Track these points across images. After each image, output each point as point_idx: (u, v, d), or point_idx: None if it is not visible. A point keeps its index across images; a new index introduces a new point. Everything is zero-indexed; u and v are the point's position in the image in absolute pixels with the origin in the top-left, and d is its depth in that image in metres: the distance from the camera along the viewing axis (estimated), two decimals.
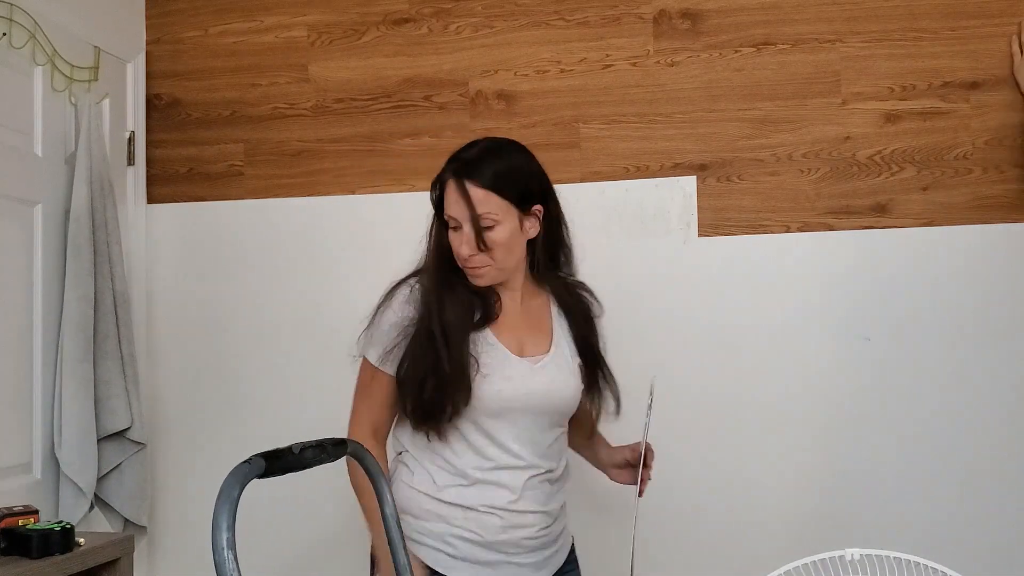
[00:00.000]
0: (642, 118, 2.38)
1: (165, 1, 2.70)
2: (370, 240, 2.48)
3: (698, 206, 2.34)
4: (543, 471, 1.68)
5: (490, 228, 1.62)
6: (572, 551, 1.81)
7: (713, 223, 2.34)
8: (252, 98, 2.58)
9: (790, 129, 2.31)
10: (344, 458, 1.52)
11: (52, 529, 1.70)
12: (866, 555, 1.46)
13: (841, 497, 2.24)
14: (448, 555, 1.66)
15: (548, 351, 1.71)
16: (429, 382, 1.63)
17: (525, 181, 1.66)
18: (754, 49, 2.33)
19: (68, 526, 1.73)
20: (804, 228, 2.29)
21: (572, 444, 1.83)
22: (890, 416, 2.23)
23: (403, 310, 1.68)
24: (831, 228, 2.28)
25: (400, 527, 1.62)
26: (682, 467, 2.32)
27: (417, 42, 2.53)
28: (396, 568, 1.58)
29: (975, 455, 2.18)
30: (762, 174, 2.32)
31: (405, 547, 1.60)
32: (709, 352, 2.32)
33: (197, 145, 2.61)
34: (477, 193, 1.61)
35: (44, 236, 2.22)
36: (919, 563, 1.45)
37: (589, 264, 2.36)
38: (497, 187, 1.62)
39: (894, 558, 1.45)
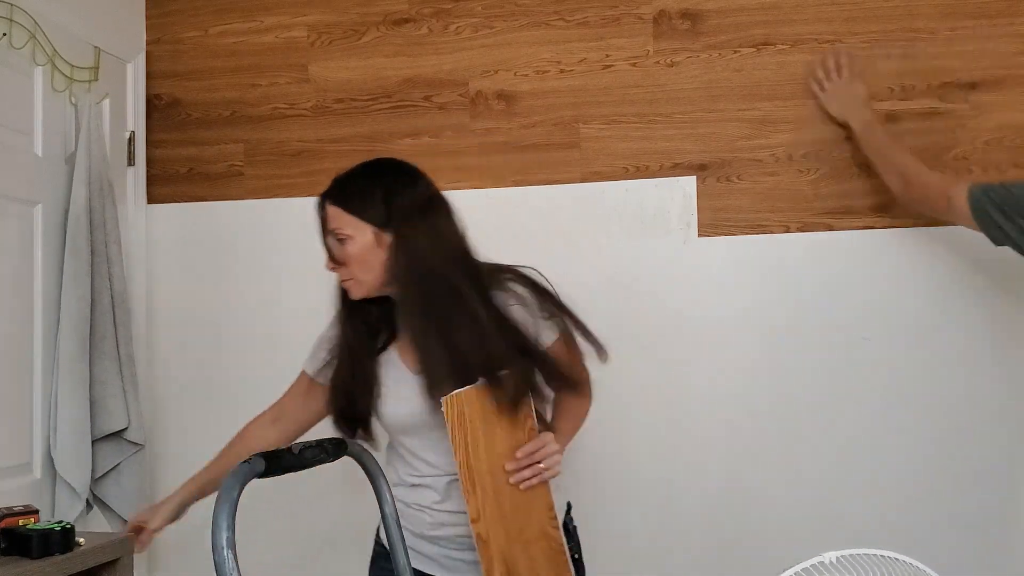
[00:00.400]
0: (642, 118, 2.39)
1: (165, 1, 2.70)
2: None
3: (698, 206, 2.34)
4: None
5: (342, 243, 1.72)
6: None
7: (713, 223, 2.34)
8: (252, 98, 2.58)
9: (790, 129, 2.31)
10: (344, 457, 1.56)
11: (52, 529, 1.70)
12: (843, 556, 1.47)
13: (841, 497, 2.24)
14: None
15: None
16: (340, 398, 1.78)
17: (380, 200, 1.72)
18: (754, 49, 2.34)
19: (68, 526, 1.73)
20: (804, 228, 2.29)
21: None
22: (890, 416, 2.23)
23: (332, 328, 1.84)
24: (831, 228, 2.28)
25: (400, 527, 1.63)
26: (679, 466, 2.32)
27: (417, 42, 2.53)
28: (396, 569, 1.60)
29: (975, 455, 2.18)
30: (762, 174, 2.32)
31: (405, 548, 1.62)
32: (709, 352, 2.32)
33: (197, 145, 2.61)
34: (332, 210, 1.74)
35: (44, 236, 2.21)
36: (893, 558, 1.45)
37: (589, 264, 2.38)
38: (347, 205, 1.73)
39: (871, 555, 1.46)
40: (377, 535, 1.89)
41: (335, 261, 1.75)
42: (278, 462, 1.39)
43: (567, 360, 1.79)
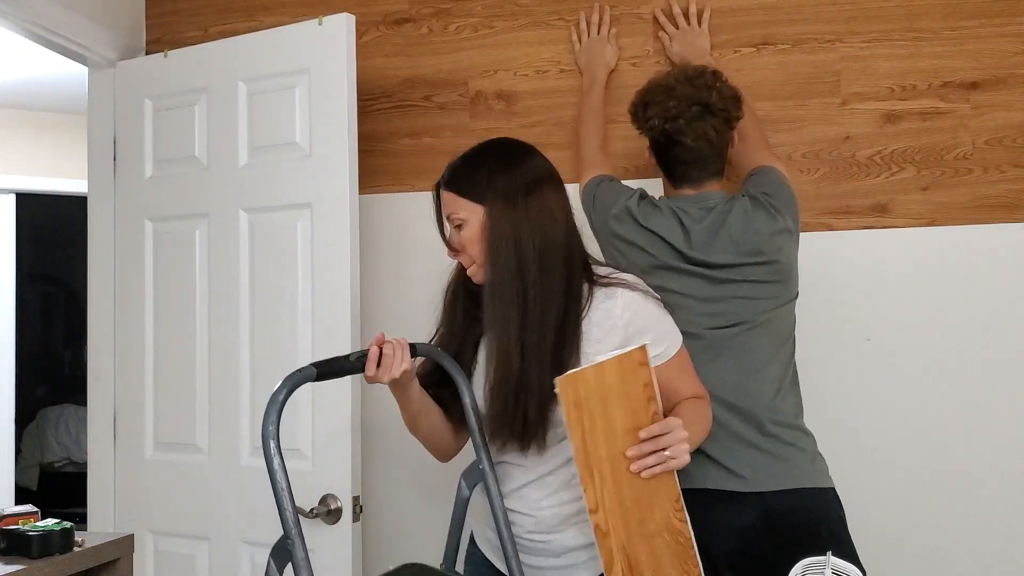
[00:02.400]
0: None
1: (165, 1, 2.70)
2: (370, 240, 2.48)
3: None
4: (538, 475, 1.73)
5: (459, 228, 1.68)
6: None
7: None
8: None
9: (790, 129, 2.31)
10: None
11: (52, 529, 1.70)
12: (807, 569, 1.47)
13: (842, 498, 2.23)
14: None
15: None
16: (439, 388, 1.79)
17: (485, 180, 1.66)
18: (754, 49, 2.33)
19: (68, 526, 1.73)
20: (804, 228, 2.28)
21: None
22: (890, 416, 2.22)
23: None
24: (831, 228, 2.28)
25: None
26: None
27: (417, 42, 2.53)
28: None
29: (975, 455, 2.18)
30: None
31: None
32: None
33: None
34: (445, 196, 1.71)
35: None
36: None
37: None
38: (458, 188, 1.68)
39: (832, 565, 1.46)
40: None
41: (453, 248, 1.71)
42: (329, 367, 1.55)
43: (684, 371, 1.73)
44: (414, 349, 1.66)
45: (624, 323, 1.65)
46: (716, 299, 1.92)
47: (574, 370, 1.50)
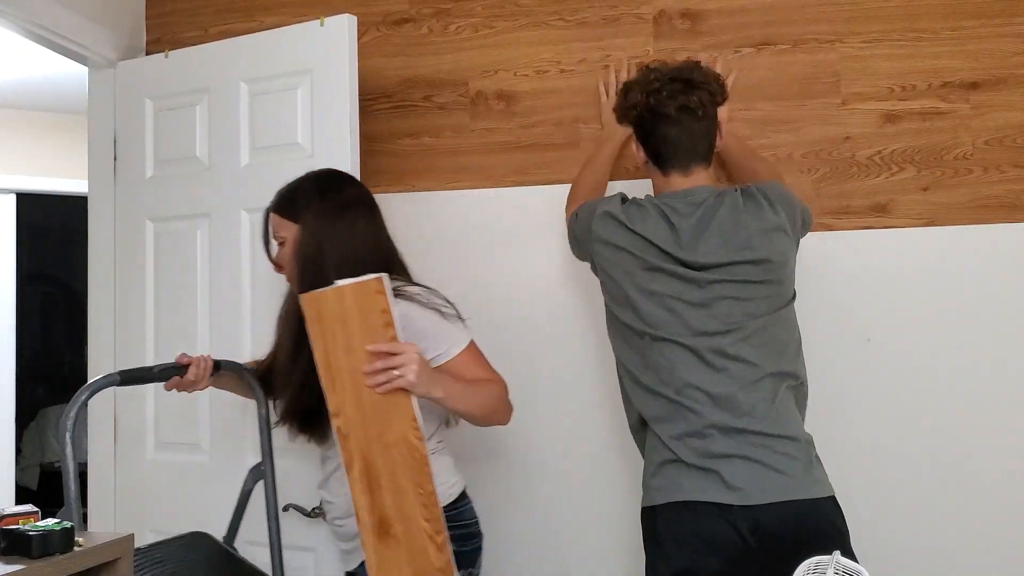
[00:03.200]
0: None
1: (165, 1, 2.70)
2: None
3: None
4: None
5: (281, 246, 1.94)
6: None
7: None
8: None
9: (790, 129, 2.31)
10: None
11: (52, 529, 1.70)
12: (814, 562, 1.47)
13: (840, 498, 2.23)
14: None
15: None
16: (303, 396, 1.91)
17: (302, 201, 1.92)
18: (754, 49, 2.33)
19: (68, 526, 1.73)
20: None
21: None
22: (890, 416, 2.23)
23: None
24: (831, 228, 2.28)
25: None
26: None
27: (417, 42, 2.53)
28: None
29: (975, 455, 2.18)
30: None
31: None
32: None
33: None
34: (272, 217, 1.95)
35: None
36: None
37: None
38: (279, 209, 1.94)
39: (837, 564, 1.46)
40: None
41: (276, 264, 1.96)
42: (132, 375, 1.88)
43: (471, 366, 1.87)
44: (219, 365, 1.98)
45: (405, 331, 1.76)
46: (706, 303, 1.85)
47: (317, 290, 1.73)
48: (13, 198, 4.75)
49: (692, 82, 1.89)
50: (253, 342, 2.35)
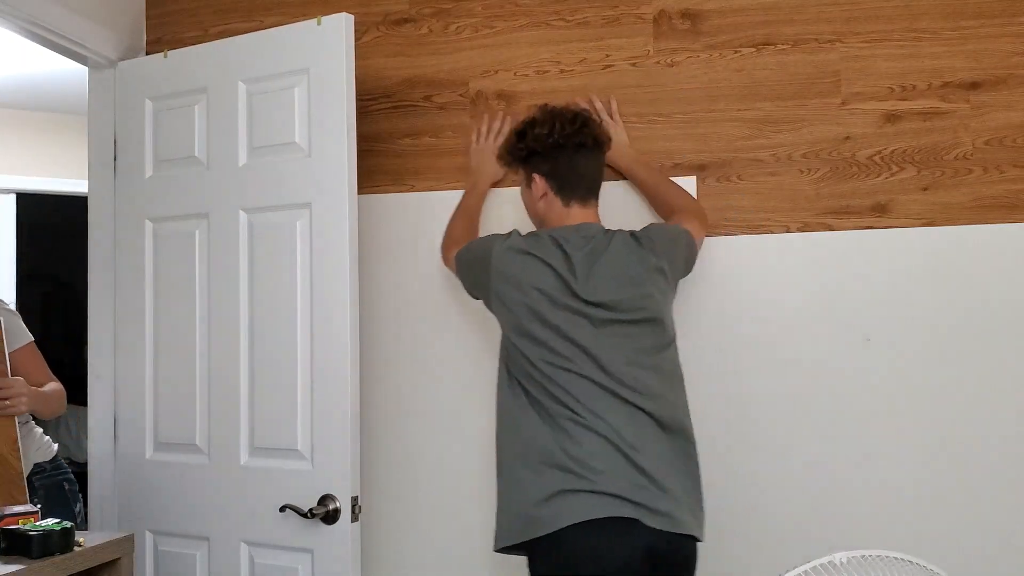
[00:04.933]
0: (642, 118, 2.38)
1: (165, 1, 2.70)
2: (370, 240, 2.48)
3: None
4: None
5: None
6: None
7: (713, 223, 2.33)
8: None
9: (790, 129, 2.31)
10: None
11: (52, 529, 1.71)
12: (853, 556, 1.47)
13: (840, 498, 2.24)
14: None
15: None
16: None
17: None
18: (754, 49, 2.33)
19: (68, 526, 1.74)
20: (804, 228, 2.29)
21: None
22: (890, 416, 2.22)
23: None
24: (831, 228, 2.28)
25: None
26: None
27: (417, 42, 2.53)
28: None
29: (975, 455, 2.18)
30: (762, 174, 2.32)
31: None
32: (708, 352, 2.31)
33: None
34: None
35: None
36: (903, 559, 1.45)
37: None
38: None
39: (880, 557, 1.46)
40: None
41: None
42: None
43: (38, 362, 2.43)
44: None
45: None
46: (600, 338, 1.94)
47: None
48: (13, 198, 4.74)
49: (590, 122, 2.07)
50: (251, 341, 2.35)
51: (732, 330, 2.31)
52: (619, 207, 2.29)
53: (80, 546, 1.76)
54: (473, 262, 2.12)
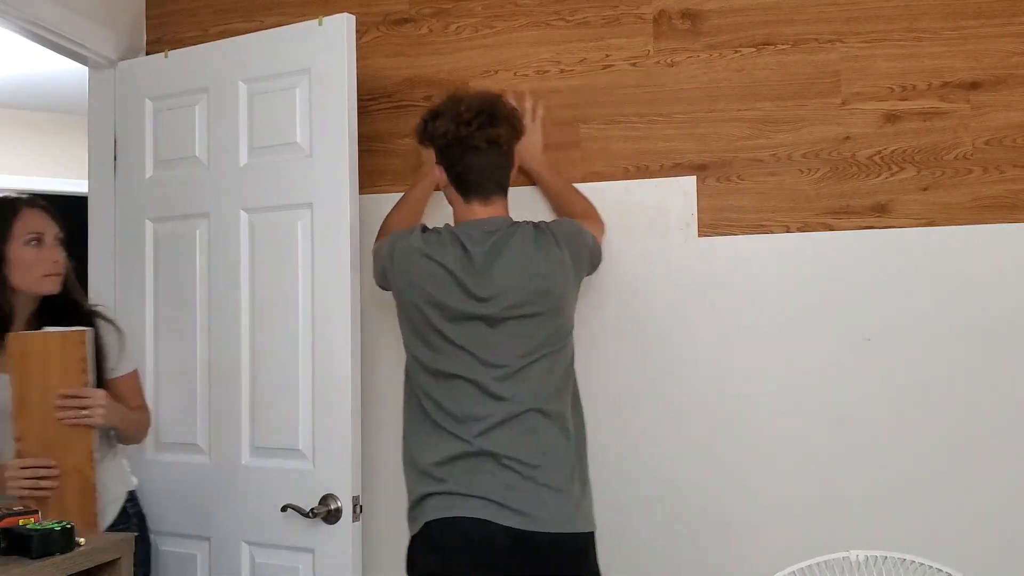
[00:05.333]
0: (642, 118, 2.39)
1: (166, 1, 2.70)
2: (370, 240, 2.48)
3: (698, 206, 2.34)
4: None
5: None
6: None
7: (713, 223, 2.34)
8: None
9: (790, 129, 2.31)
10: None
11: (52, 529, 1.71)
12: (870, 556, 1.47)
13: (840, 498, 2.24)
14: None
15: None
16: None
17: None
18: (754, 49, 2.33)
19: (68, 526, 1.74)
20: (804, 228, 2.29)
21: None
22: (890, 416, 2.22)
23: None
24: (831, 228, 2.28)
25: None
26: (682, 467, 2.32)
27: (417, 42, 2.53)
28: None
29: (976, 455, 2.18)
30: (762, 174, 2.32)
31: None
32: (708, 352, 2.32)
33: None
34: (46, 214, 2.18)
35: None
36: (922, 564, 1.45)
37: None
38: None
39: (897, 559, 1.46)
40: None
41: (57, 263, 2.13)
42: None
43: (136, 390, 2.25)
44: None
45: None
46: (492, 336, 1.96)
47: (25, 332, 2.02)
48: None
49: (496, 116, 2.03)
50: (252, 341, 2.35)
51: (731, 330, 2.31)
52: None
53: (80, 546, 1.76)
54: (382, 258, 2.13)
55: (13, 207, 2.09)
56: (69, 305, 2.14)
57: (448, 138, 2.02)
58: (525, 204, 2.34)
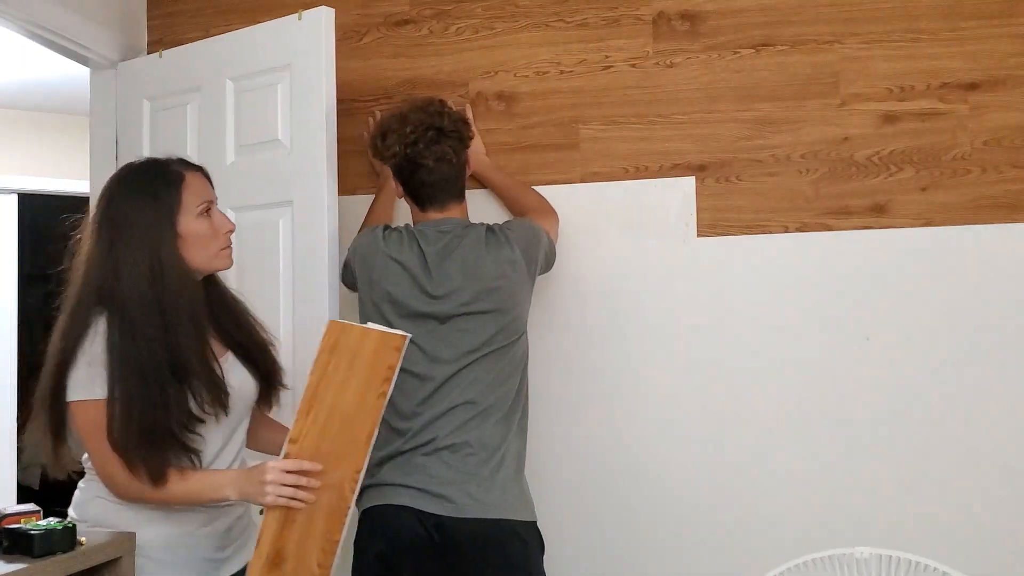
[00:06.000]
0: (641, 119, 2.39)
1: (167, 2, 2.70)
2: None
3: (697, 207, 2.35)
4: None
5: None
6: None
7: (712, 223, 2.34)
8: None
9: (789, 130, 2.31)
10: None
11: (54, 528, 1.71)
12: (875, 554, 1.48)
13: (840, 497, 2.24)
14: None
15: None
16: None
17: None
18: (753, 50, 2.34)
19: (70, 525, 1.74)
20: (803, 228, 2.30)
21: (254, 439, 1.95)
22: (889, 416, 2.23)
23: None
24: (830, 228, 2.29)
25: None
26: (682, 467, 2.32)
27: (417, 43, 2.54)
28: None
29: (975, 454, 2.19)
30: (761, 175, 2.33)
31: None
32: (708, 352, 2.32)
33: None
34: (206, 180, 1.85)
35: None
36: (927, 565, 1.46)
37: (588, 264, 2.38)
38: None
39: (903, 560, 1.46)
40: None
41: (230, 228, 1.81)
42: None
43: None
44: None
45: None
46: (443, 332, 2.00)
47: (346, 321, 1.73)
48: (15, 198, 4.75)
49: (443, 130, 2.06)
50: None
51: (731, 330, 2.31)
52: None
53: (82, 545, 1.76)
54: (348, 258, 2.16)
55: (178, 175, 1.77)
56: (227, 297, 1.85)
57: (398, 158, 2.06)
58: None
